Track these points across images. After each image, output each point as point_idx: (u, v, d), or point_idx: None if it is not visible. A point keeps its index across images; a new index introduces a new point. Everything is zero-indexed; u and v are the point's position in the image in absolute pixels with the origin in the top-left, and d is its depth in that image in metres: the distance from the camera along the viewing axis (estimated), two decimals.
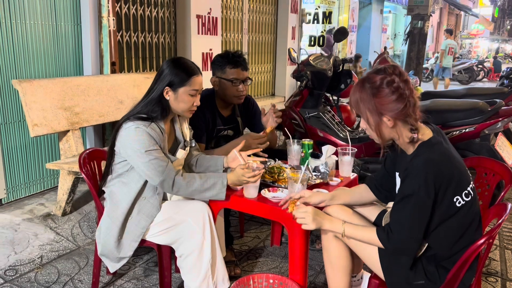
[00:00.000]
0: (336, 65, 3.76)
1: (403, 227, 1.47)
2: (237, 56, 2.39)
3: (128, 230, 1.88)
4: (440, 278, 1.53)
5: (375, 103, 1.47)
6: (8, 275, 2.27)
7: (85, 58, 3.54)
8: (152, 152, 1.76)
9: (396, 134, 1.52)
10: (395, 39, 15.87)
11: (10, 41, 2.98)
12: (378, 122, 1.50)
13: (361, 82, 1.53)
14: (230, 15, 5.84)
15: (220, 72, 2.38)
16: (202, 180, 1.82)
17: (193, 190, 1.82)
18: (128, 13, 4.07)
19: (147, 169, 1.77)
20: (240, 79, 2.38)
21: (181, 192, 1.84)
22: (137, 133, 1.75)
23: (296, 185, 1.84)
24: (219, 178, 1.83)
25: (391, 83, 1.46)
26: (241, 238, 2.79)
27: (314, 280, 2.33)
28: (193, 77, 1.85)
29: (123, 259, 1.91)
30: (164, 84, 1.82)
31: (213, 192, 1.83)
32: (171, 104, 1.86)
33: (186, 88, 1.84)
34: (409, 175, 1.48)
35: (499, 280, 2.37)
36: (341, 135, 3.54)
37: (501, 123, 3.08)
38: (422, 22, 9.80)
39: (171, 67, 1.83)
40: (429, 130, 1.55)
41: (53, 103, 2.85)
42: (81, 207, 3.03)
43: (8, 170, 3.04)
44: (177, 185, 1.80)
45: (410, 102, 1.47)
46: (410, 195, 1.45)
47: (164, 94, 1.83)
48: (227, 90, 2.38)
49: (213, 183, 1.82)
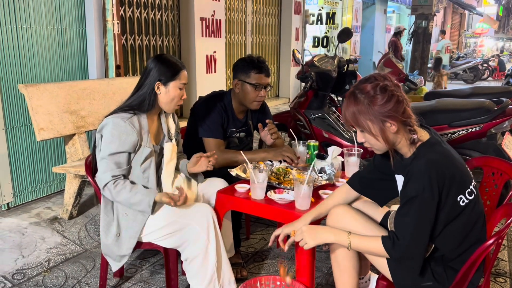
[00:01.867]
0: (340, 66, 3.75)
1: (409, 231, 1.46)
2: (262, 62, 2.43)
3: (126, 226, 1.89)
4: (448, 279, 1.52)
5: (375, 111, 1.46)
6: (16, 278, 2.28)
7: (90, 62, 3.56)
8: (113, 156, 1.82)
9: (399, 138, 1.52)
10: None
11: (16, 46, 3.00)
12: (382, 129, 1.48)
13: (353, 95, 1.50)
14: (234, 17, 5.86)
15: (244, 76, 2.40)
16: (131, 193, 1.82)
17: (120, 200, 1.85)
18: (132, 17, 4.09)
19: (98, 165, 1.86)
20: (263, 84, 2.41)
21: (111, 198, 1.87)
22: (113, 132, 1.82)
23: (303, 186, 1.83)
24: (146, 196, 1.83)
25: (384, 89, 1.45)
26: (247, 240, 2.79)
27: (321, 281, 2.32)
28: (181, 71, 1.94)
29: (124, 257, 1.92)
30: (155, 79, 1.90)
31: (139, 208, 1.85)
32: (161, 98, 1.93)
33: (176, 82, 1.92)
34: (412, 177, 1.47)
35: (508, 281, 2.35)
36: (346, 136, 3.53)
37: (508, 122, 3.06)
38: (426, 21, 9.76)
39: (159, 64, 1.91)
40: (426, 132, 1.55)
41: (59, 107, 2.86)
42: (88, 210, 3.04)
43: (15, 174, 3.06)
44: (106, 191, 1.84)
45: (407, 104, 1.48)
46: (414, 197, 1.44)
47: (155, 89, 1.90)
48: (249, 94, 2.40)
49: (139, 200, 1.82)
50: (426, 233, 1.46)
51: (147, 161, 1.91)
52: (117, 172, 1.83)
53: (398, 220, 1.51)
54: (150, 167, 1.92)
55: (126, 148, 1.84)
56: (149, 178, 1.92)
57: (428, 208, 1.43)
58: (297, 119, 3.69)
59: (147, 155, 1.90)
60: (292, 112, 3.74)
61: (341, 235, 1.61)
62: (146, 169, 1.91)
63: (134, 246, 1.91)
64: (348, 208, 1.75)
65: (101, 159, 1.84)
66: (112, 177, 1.81)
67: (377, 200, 1.81)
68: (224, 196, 2.01)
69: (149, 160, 1.92)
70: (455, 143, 3.08)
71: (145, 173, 1.91)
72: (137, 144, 1.87)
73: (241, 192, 2.01)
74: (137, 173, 1.91)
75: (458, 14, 22.75)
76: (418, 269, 1.51)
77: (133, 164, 1.90)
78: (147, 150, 1.90)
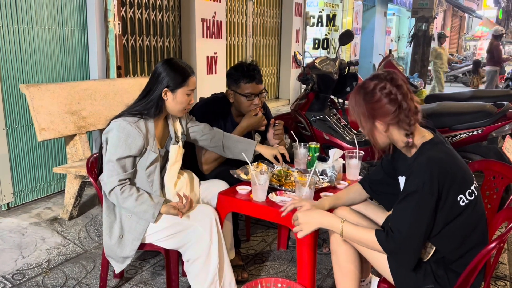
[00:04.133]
0: (341, 68, 3.75)
1: (405, 224, 1.45)
2: (252, 69, 2.36)
3: (129, 228, 1.89)
4: (450, 282, 1.52)
5: (368, 108, 1.51)
6: (16, 279, 2.28)
7: (91, 63, 3.55)
8: (120, 161, 1.82)
9: (389, 139, 1.55)
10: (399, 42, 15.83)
11: (18, 46, 3.00)
12: (371, 127, 1.53)
13: (357, 88, 1.57)
14: (235, 18, 5.86)
15: (235, 86, 2.37)
16: (137, 202, 1.82)
17: (125, 207, 1.85)
18: (133, 17, 4.09)
19: (104, 168, 1.86)
20: (255, 93, 2.37)
21: (116, 203, 1.87)
22: (119, 136, 1.81)
23: (304, 189, 1.83)
24: (152, 208, 1.84)
25: (382, 89, 1.50)
26: (248, 242, 2.78)
27: (321, 284, 2.32)
28: (190, 78, 1.93)
29: (127, 258, 1.92)
30: (163, 85, 1.89)
31: (143, 217, 1.86)
32: (168, 104, 1.92)
33: (184, 89, 1.91)
34: (413, 173, 1.48)
35: (508, 284, 2.35)
36: (347, 138, 3.53)
37: (508, 125, 3.06)
38: (426, 24, 9.77)
39: (168, 69, 1.90)
40: (429, 132, 1.57)
41: (60, 108, 2.86)
42: (88, 211, 3.04)
43: (16, 174, 3.06)
44: (113, 195, 1.83)
45: (403, 107, 1.48)
46: (413, 192, 1.45)
47: (162, 96, 1.89)
48: (242, 104, 2.38)
49: (144, 210, 1.83)
50: (422, 229, 1.45)
51: (152, 166, 1.91)
52: (123, 176, 1.82)
53: (395, 214, 1.51)
54: (155, 172, 1.92)
55: (133, 152, 1.84)
56: (153, 182, 1.92)
57: (427, 204, 1.43)
58: (298, 121, 3.69)
59: (153, 160, 1.89)
60: (293, 114, 3.74)
61: (334, 221, 1.63)
62: (151, 173, 1.91)
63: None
64: (351, 211, 1.76)
65: (108, 162, 1.83)
66: (119, 182, 1.81)
67: (384, 203, 1.82)
68: (225, 197, 2.01)
69: (154, 165, 1.91)
70: (456, 146, 3.08)
71: (149, 177, 1.91)
72: (143, 148, 1.87)
73: (243, 194, 2.01)
74: (141, 177, 1.90)
75: (458, 17, 22.78)
76: (412, 265, 1.51)
77: (138, 168, 1.90)
78: (153, 155, 1.89)
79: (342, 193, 1.89)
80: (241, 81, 2.34)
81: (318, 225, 1.65)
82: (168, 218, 1.89)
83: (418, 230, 1.45)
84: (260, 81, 2.40)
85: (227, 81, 2.44)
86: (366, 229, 1.58)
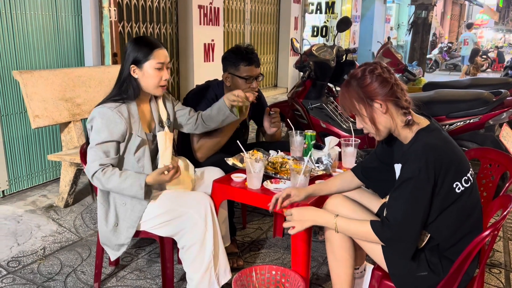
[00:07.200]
0: (339, 55, 3.72)
1: (401, 212, 1.45)
2: (250, 52, 2.37)
3: (124, 216, 1.88)
4: (444, 269, 1.52)
5: (363, 92, 1.51)
6: (11, 266, 2.28)
7: (86, 49, 3.52)
8: (101, 145, 1.79)
9: (391, 120, 1.53)
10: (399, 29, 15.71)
11: (11, 32, 2.96)
12: (370, 110, 1.52)
13: (346, 82, 1.57)
14: (232, 5, 5.79)
15: (233, 69, 2.35)
16: (121, 178, 1.78)
17: (111, 187, 1.80)
18: (129, 4, 4.03)
19: (87, 155, 1.83)
20: (254, 76, 2.37)
21: (101, 187, 1.83)
22: (101, 122, 1.79)
23: (299, 176, 1.82)
24: (137, 179, 1.78)
25: (373, 71, 1.50)
26: (244, 230, 2.79)
27: (316, 271, 2.33)
28: (155, 50, 1.86)
29: (122, 246, 1.91)
30: (129, 62, 1.85)
31: (131, 193, 1.79)
32: (141, 82, 1.88)
33: (150, 62, 1.85)
34: (409, 160, 1.47)
35: (503, 272, 2.36)
36: (344, 126, 3.52)
37: (506, 113, 3.05)
38: (426, 12, 9.69)
39: (133, 45, 1.86)
40: (425, 120, 1.56)
41: (54, 94, 2.83)
42: (83, 199, 3.03)
43: (10, 161, 3.04)
44: (95, 180, 1.80)
45: (398, 86, 1.50)
46: (409, 179, 1.44)
47: (131, 73, 1.86)
48: (240, 87, 2.34)
49: (130, 184, 1.78)
50: (418, 216, 1.45)
51: (140, 150, 1.89)
52: (105, 161, 1.80)
53: (390, 202, 1.50)
54: (144, 155, 1.90)
55: (115, 137, 1.81)
56: (144, 167, 1.90)
57: (423, 190, 1.43)
58: (294, 109, 3.67)
59: (139, 144, 1.88)
60: (289, 101, 3.72)
61: (328, 218, 1.62)
62: (140, 158, 1.89)
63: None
64: (345, 198, 1.75)
65: (89, 149, 1.81)
66: (100, 166, 1.78)
67: (378, 191, 1.81)
68: (220, 185, 2.00)
69: (142, 149, 1.90)
70: (453, 134, 3.07)
71: (139, 162, 1.89)
72: (126, 133, 1.84)
73: (238, 181, 2.00)
74: (131, 163, 1.89)
75: (458, 4, 22.60)
76: (410, 253, 1.50)
77: (126, 154, 1.88)
78: (138, 139, 1.87)
79: (329, 182, 1.86)
80: (240, 64, 2.33)
81: (311, 223, 1.64)
82: (163, 204, 1.88)
83: (415, 217, 1.45)
84: (258, 65, 2.40)
85: (224, 65, 2.41)
86: (360, 222, 1.57)
